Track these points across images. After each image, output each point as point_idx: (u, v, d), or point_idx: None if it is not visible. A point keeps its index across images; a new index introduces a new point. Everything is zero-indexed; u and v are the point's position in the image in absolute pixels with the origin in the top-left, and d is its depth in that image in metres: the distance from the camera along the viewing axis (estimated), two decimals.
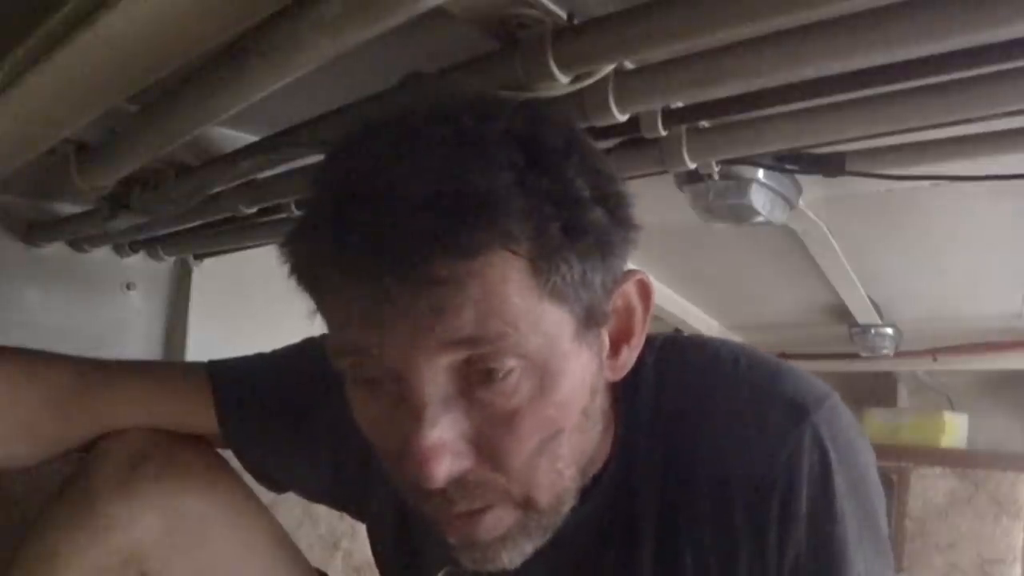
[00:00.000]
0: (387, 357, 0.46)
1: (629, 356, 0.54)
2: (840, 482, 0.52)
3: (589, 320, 0.48)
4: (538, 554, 0.53)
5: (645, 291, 0.53)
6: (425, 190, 0.42)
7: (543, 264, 0.44)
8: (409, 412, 0.46)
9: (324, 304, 0.49)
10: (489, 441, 0.47)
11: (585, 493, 0.55)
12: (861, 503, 0.53)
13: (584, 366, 0.49)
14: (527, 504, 0.50)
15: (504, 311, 0.44)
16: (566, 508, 0.53)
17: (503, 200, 0.43)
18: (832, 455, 0.52)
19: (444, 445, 0.46)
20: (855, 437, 0.55)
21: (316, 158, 0.65)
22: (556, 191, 0.45)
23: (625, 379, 0.57)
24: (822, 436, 0.52)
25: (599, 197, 0.47)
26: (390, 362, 0.46)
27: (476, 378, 0.46)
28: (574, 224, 0.45)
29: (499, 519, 0.50)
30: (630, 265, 0.52)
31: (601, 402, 0.53)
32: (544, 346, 0.46)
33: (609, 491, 0.57)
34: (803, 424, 0.53)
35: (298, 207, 0.94)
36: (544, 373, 0.47)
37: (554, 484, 0.51)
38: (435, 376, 0.46)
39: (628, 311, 0.53)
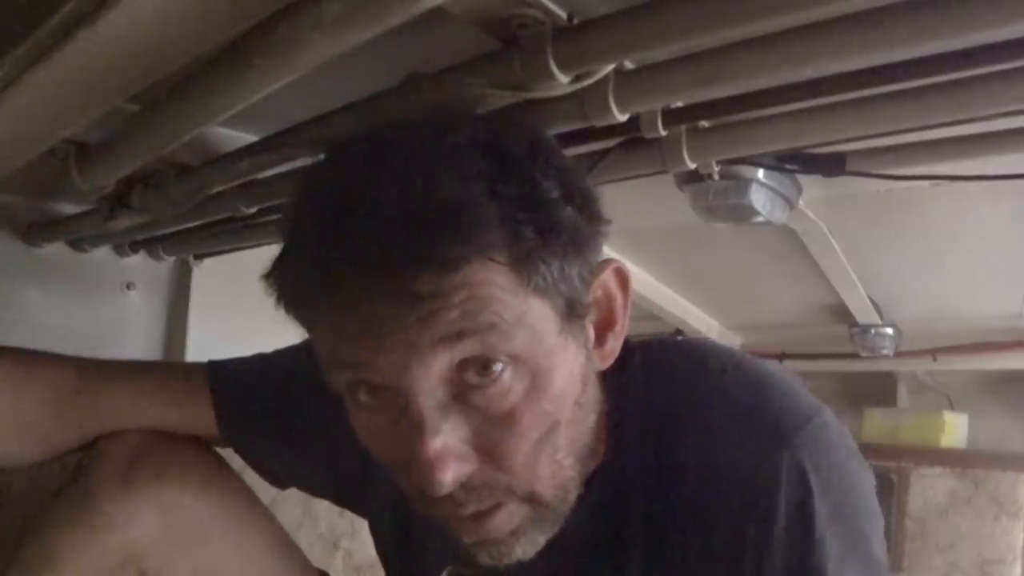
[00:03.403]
0: (383, 371, 0.46)
1: (615, 343, 0.55)
2: (820, 507, 0.51)
3: (571, 313, 0.49)
4: (538, 554, 0.53)
5: (623, 278, 0.54)
6: (401, 209, 0.43)
7: (523, 266, 0.46)
8: (410, 423, 0.47)
9: (315, 330, 0.50)
10: (490, 442, 0.48)
11: (584, 489, 0.55)
12: (847, 526, 0.52)
13: (572, 358, 0.50)
14: (533, 499, 0.51)
15: (490, 306, 0.45)
16: (572, 497, 0.54)
17: (477, 211, 0.44)
18: (812, 480, 0.51)
19: (449, 452, 0.47)
20: (843, 459, 0.54)
21: (316, 158, 0.65)
22: (526, 195, 0.46)
23: (614, 378, 0.57)
24: (802, 461, 0.52)
25: (568, 196, 0.48)
26: (386, 376, 0.47)
27: (470, 384, 0.47)
28: (547, 225, 0.46)
29: (510, 515, 0.51)
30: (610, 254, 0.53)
31: (592, 391, 0.54)
32: (531, 343, 0.47)
33: (601, 493, 0.57)
34: (783, 448, 0.52)
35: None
36: (535, 371, 0.48)
37: (555, 475, 0.51)
38: (431, 385, 0.46)
39: (608, 299, 0.54)
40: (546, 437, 0.50)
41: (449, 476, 0.46)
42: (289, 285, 0.49)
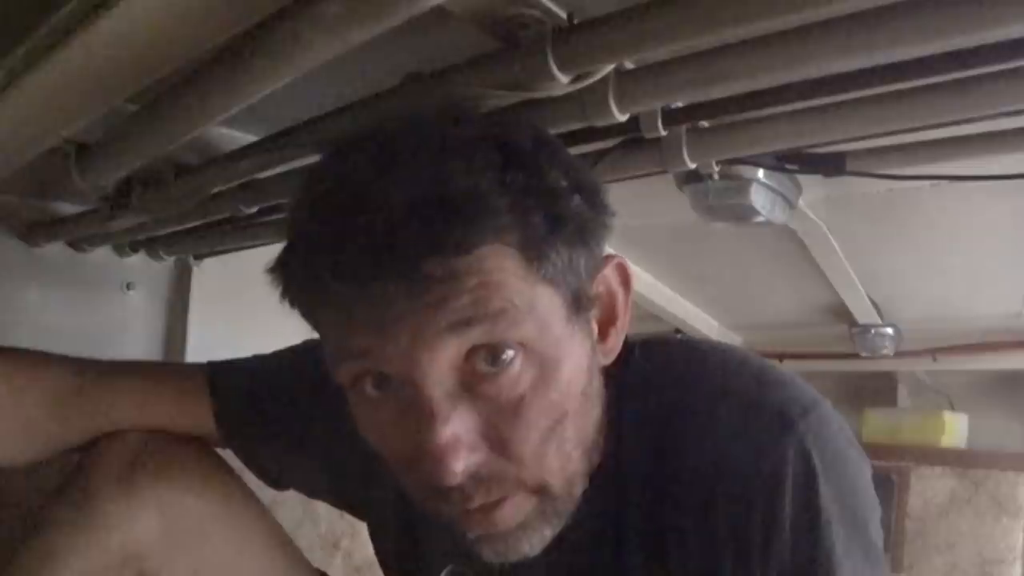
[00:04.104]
0: (392, 360, 0.46)
1: (617, 339, 0.56)
2: (826, 493, 0.52)
3: (577, 304, 0.50)
4: (537, 554, 0.53)
5: (624, 274, 0.55)
6: (413, 196, 0.44)
7: (533, 253, 0.46)
8: (419, 414, 0.47)
9: (323, 320, 0.50)
10: (499, 432, 0.48)
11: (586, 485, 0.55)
12: (850, 513, 0.53)
13: (579, 349, 0.51)
14: (541, 490, 0.51)
15: (500, 291, 0.45)
16: (577, 491, 0.54)
17: (486, 197, 0.45)
18: (817, 466, 0.52)
19: (459, 440, 0.47)
20: (844, 447, 0.54)
21: (316, 158, 0.66)
22: (535, 185, 0.47)
23: (615, 377, 0.57)
24: (807, 447, 0.52)
25: (575, 187, 0.49)
26: (395, 365, 0.47)
27: (480, 373, 0.47)
28: (556, 213, 0.47)
29: (517, 508, 0.51)
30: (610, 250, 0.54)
31: (598, 384, 0.55)
32: (541, 331, 0.47)
33: (602, 489, 0.57)
34: (788, 436, 0.52)
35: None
36: (544, 359, 0.48)
37: (564, 467, 0.52)
38: (440, 374, 0.46)
39: (610, 295, 0.54)
40: (555, 427, 0.50)
41: (460, 465, 0.46)
42: (299, 274, 0.49)
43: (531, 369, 0.48)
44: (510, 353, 0.47)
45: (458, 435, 0.47)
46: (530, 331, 0.47)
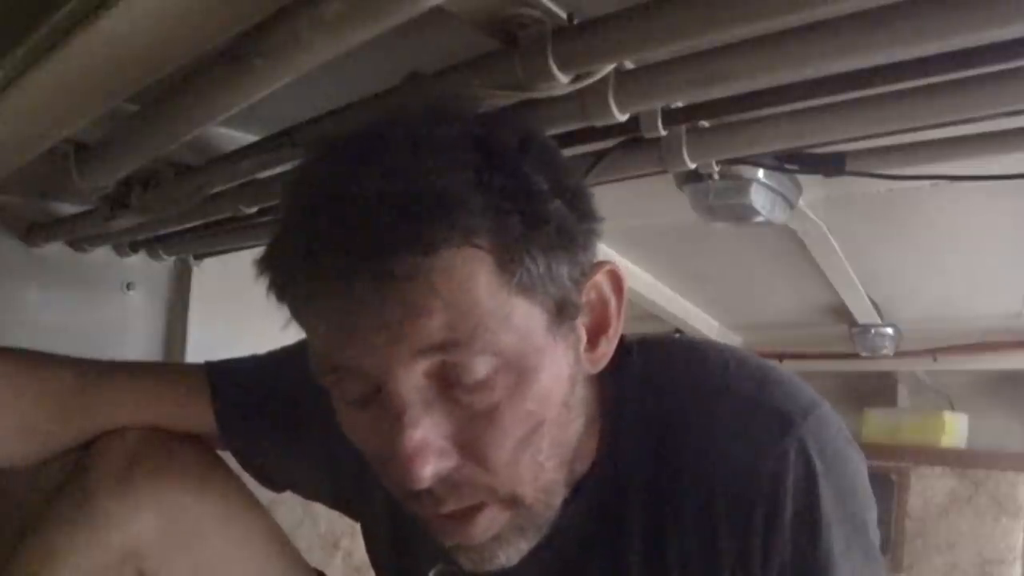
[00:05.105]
0: (365, 366, 0.46)
1: (608, 347, 0.54)
2: (826, 493, 0.52)
3: (561, 313, 0.49)
4: (529, 555, 0.53)
5: (617, 281, 0.53)
6: (387, 191, 0.43)
7: (507, 258, 0.45)
8: (391, 417, 0.47)
9: (301, 315, 0.49)
10: (472, 439, 0.48)
11: (574, 492, 0.55)
12: (849, 512, 0.53)
13: (560, 358, 0.50)
14: (514, 501, 0.51)
15: (474, 311, 0.45)
16: (556, 502, 0.53)
17: (461, 196, 0.44)
18: (818, 466, 0.52)
19: (427, 445, 0.46)
20: (843, 446, 0.55)
21: None
22: (513, 186, 0.46)
23: (612, 378, 0.57)
24: (808, 447, 0.52)
25: (556, 190, 0.48)
26: (369, 370, 0.46)
27: (454, 379, 0.47)
28: (533, 216, 0.46)
29: (492, 519, 0.50)
30: (613, 255, 0.53)
31: (582, 394, 0.54)
32: (517, 342, 0.47)
33: (596, 492, 0.57)
34: (788, 436, 0.52)
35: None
36: (520, 368, 0.47)
37: (537, 478, 0.51)
38: (413, 380, 0.46)
39: (602, 302, 0.53)
40: (529, 437, 0.49)
41: (428, 470, 0.46)
42: (277, 267, 0.49)
43: (507, 378, 0.47)
44: (484, 364, 0.46)
45: (427, 440, 0.46)
46: (505, 343, 0.46)
